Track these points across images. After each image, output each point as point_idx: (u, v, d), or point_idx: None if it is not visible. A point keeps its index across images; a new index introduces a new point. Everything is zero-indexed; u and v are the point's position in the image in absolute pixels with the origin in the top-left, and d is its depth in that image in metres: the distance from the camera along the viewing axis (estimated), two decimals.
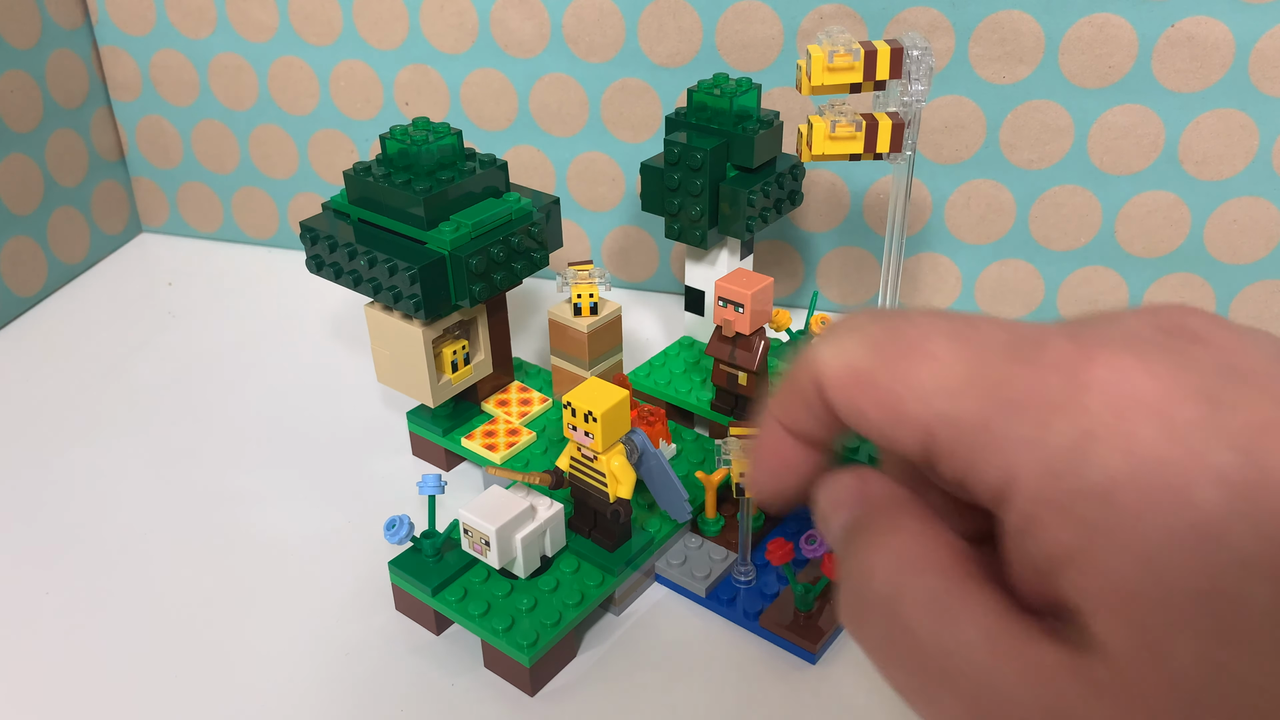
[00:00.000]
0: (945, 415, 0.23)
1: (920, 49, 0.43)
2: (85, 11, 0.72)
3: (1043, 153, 0.59)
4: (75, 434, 0.57)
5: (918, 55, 0.43)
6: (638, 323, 0.67)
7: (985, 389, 0.23)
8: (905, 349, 0.25)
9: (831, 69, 0.42)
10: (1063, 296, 0.63)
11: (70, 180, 0.72)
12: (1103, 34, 0.55)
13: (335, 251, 0.48)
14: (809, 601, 0.42)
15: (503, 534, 0.40)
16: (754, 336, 0.48)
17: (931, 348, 0.24)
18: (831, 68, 0.42)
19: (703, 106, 0.52)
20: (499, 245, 0.47)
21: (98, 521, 0.50)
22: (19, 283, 0.69)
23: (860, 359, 0.25)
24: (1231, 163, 0.57)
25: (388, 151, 0.48)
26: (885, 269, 0.49)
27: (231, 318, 0.68)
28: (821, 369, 0.26)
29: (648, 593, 0.45)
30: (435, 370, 0.49)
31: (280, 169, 0.74)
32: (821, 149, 0.43)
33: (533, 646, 0.39)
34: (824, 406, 0.27)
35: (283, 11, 0.67)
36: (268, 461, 0.54)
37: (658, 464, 0.42)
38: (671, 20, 0.60)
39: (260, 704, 0.40)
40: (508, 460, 0.50)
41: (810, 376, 0.27)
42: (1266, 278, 0.60)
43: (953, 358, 0.24)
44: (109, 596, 0.46)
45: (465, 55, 0.65)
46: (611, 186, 0.67)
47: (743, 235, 0.52)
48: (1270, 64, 0.54)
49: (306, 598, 0.45)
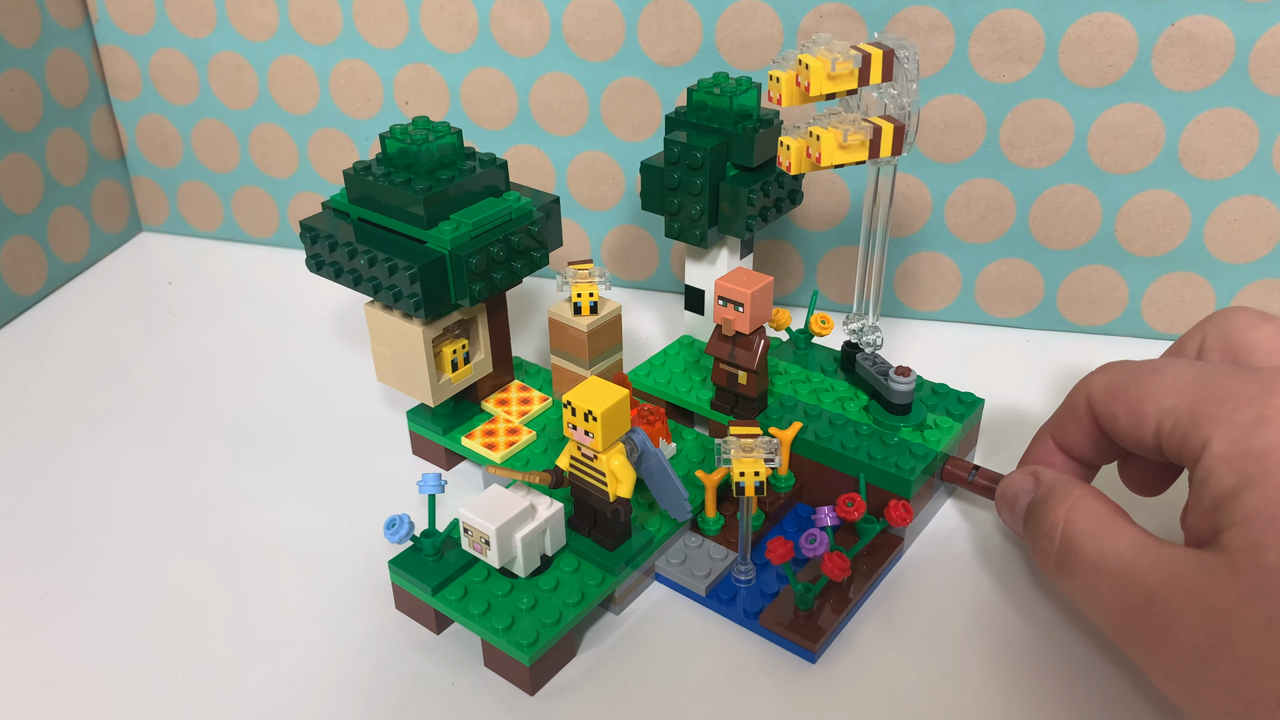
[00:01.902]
0: (1170, 408, 0.35)
1: (907, 50, 0.43)
2: (85, 11, 0.72)
3: (1043, 151, 0.59)
4: (75, 433, 0.57)
5: (906, 56, 0.43)
6: (638, 322, 0.67)
7: (1201, 390, 0.35)
8: (1148, 369, 0.37)
9: (834, 77, 0.42)
10: (1062, 295, 0.63)
11: (70, 179, 0.72)
12: (1103, 33, 0.55)
13: (335, 250, 0.48)
14: (809, 600, 0.42)
15: (503, 533, 0.40)
16: (754, 335, 0.48)
17: (1167, 368, 0.37)
18: (834, 76, 0.42)
19: (703, 105, 0.51)
20: (499, 244, 0.47)
21: (98, 521, 0.50)
22: (19, 282, 0.69)
23: (1116, 377, 0.39)
24: (1232, 161, 0.57)
25: (387, 150, 0.48)
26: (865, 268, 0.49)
27: (231, 317, 0.68)
28: (1090, 387, 0.40)
29: (648, 592, 0.45)
30: (435, 369, 0.49)
31: (280, 168, 0.74)
32: (831, 159, 0.43)
33: (533, 645, 0.39)
34: (1090, 418, 0.41)
35: (282, 11, 0.67)
36: (268, 460, 0.54)
37: (658, 463, 0.42)
38: (671, 19, 0.60)
39: (260, 703, 0.40)
40: (508, 459, 0.50)
41: (1082, 394, 0.41)
42: (1267, 277, 0.60)
43: (1181, 372, 0.36)
44: (109, 596, 0.46)
45: (465, 54, 0.65)
46: (611, 186, 0.67)
47: (742, 234, 0.52)
48: (1270, 63, 0.54)
49: (306, 597, 0.45)
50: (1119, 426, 0.38)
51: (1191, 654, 0.31)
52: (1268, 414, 0.32)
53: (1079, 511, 0.38)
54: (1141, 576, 0.34)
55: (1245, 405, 0.33)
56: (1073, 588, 0.37)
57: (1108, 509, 0.37)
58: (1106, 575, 0.35)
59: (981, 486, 0.47)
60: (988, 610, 0.44)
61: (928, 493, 0.47)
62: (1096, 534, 0.36)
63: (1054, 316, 0.64)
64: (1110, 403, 0.39)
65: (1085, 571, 0.36)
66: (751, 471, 0.40)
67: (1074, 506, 0.38)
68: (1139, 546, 0.35)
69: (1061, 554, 0.37)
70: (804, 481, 0.49)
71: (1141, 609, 0.33)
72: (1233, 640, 0.30)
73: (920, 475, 0.45)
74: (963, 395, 0.50)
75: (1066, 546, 0.37)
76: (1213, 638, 0.31)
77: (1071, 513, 0.38)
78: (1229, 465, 0.32)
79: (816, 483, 0.48)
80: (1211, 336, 0.40)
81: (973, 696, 0.40)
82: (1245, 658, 0.30)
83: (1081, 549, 0.36)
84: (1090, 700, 0.40)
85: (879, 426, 0.48)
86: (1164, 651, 0.33)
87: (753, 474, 0.40)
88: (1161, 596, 0.33)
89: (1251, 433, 0.32)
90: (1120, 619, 0.34)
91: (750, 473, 0.40)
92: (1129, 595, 0.34)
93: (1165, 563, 0.33)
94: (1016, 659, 0.41)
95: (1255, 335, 0.38)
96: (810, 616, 0.42)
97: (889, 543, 0.46)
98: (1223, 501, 0.32)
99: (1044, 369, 0.60)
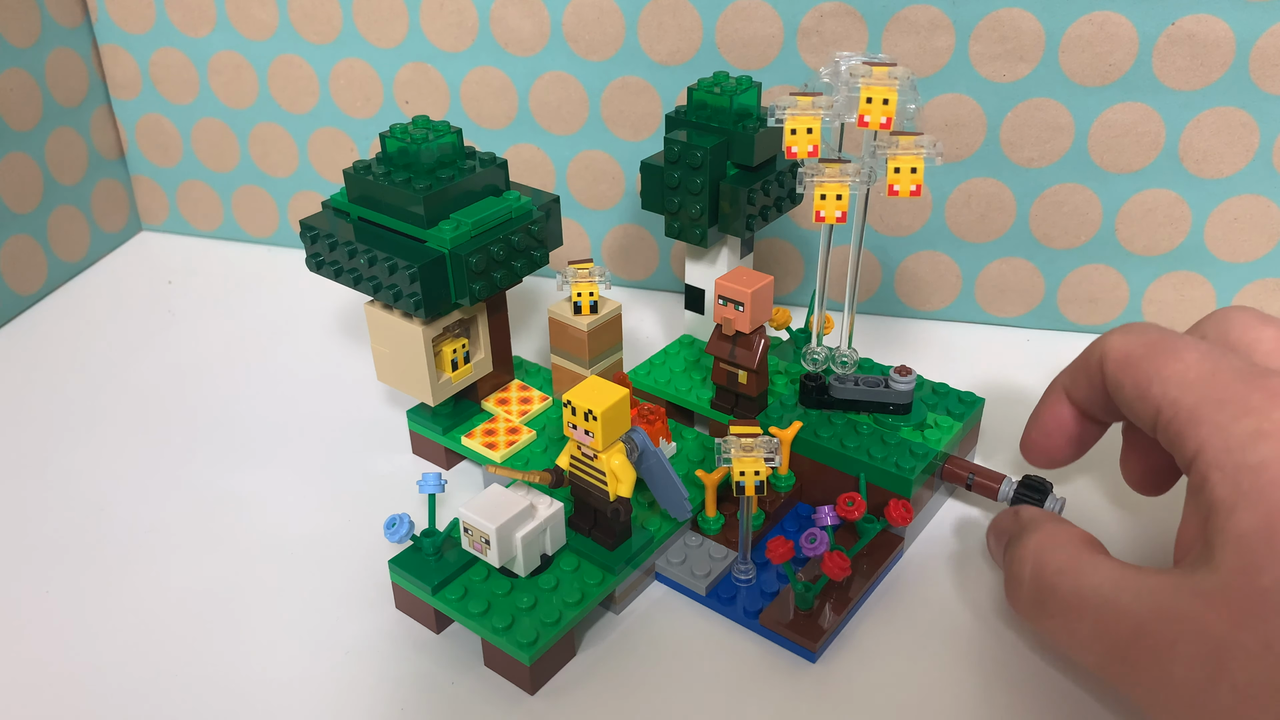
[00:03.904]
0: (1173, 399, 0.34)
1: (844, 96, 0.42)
2: (85, 10, 0.72)
3: (1043, 151, 0.59)
4: (75, 433, 0.57)
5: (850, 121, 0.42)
6: (638, 321, 0.67)
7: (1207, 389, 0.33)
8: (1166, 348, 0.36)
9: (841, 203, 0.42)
10: (1063, 294, 0.63)
11: (70, 179, 0.72)
12: (1103, 32, 0.55)
13: (335, 250, 0.48)
14: (809, 600, 0.42)
15: (503, 532, 0.40)
16: (754, 335, 0.48)
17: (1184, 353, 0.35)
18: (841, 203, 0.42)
19: (703, 105, 0.51)
20: (499, 244, 0.47)
21: (97, 521, 0.50)
22: (19, 281, 0.68)
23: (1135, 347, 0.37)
24: (1232, 160, 0.57)
25: (387, 150, 0.48)
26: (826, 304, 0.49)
27: (231, 316, 0.68)
28: (1107, 347, 0.38)
29: (647, 591, 0.45)
30: (435, 369, 0.49)
31: (280, 167, 0.74)
32: None
33: (532, 645, 0.39)
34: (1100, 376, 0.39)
35: (282, 10, 0.67)
36: (267, 460, 0.54)
37: (658, 462, 0.42)
38: (671, 18, 0.60)
39: (260, 702, 0.40)
40: (508, 459, 0.50)
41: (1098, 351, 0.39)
42: (1267, 276, 0.60)
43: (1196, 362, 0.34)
44: (109, 596, 0.46)
45: (465, 53, 0.65)
46: (611, 185, 0.67)
47: (743, 233, 0.52)
48: (1271, 62, 0.54)
49: (306, 596, 0.45)
50: (1124, 396, 0.37)
51: (1188, 685, 0.30)
52: (1267, 428, 0.31)
53: (1048, 548, 0.36)
54: (1126, 611, 0.32)
55: (1245, 415, 0.32)
56: (1051, 629, 0.36)
57: (1078, 541, 0.36)
58: (1087, 614, 0.34)
59: (981, 488, 0.47)
60: (988, 610, 0.44)
61: (928, 492, 0.47)
62: (1071, 570, 0.35)
63: (1054, 316, 0.64)
64: (1120, 370, 0.37)
65: (1063, 612, 0.35)
66: (751, 471, 0.40)
67: (1041, 542, 0.37)
68: (1118, 579, 0.33)
69: (1033, 595, 0.36)
70: (804, 481, 0.48)
71: (1130, 644, 0.32)
72: (1230, 668, 0.29)
73: (920, 475, 0.45)
74: (963, 395, 0.50)
75: (1038, 586, 0.36)
76: (1209, 666, 0.30)
77: (1040, 549, 0.36)
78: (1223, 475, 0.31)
79: (816, 482, 0.48)
80: (1210, 336, 0.38)
81: (973, 696, 0.40)
82: (1244, 685, 0.29)
83: (1058, 588, 0.35)
84: (1090, 700, 0.39)
85: (879, 426, 0.48)
86: (1158, 685, 0.31)
87: (753, 473, 0.40)
88: (1152, 628, 0.31)
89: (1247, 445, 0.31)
90: (1107, 657, 0.33)
91: (750, 472, 0.40)
92: (1115, 632, 0.33)
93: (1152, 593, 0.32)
94: (1016, 659, 0.41)
95: (1255, 336, 0.37)
96: (810, 616, 0.42)
97: (889, 542, 0.46)
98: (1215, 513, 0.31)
99: (1044, 369, 0.60)
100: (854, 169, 0.42)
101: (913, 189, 0.42)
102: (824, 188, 0.42)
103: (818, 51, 0.59)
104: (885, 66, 0.41)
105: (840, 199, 0.42)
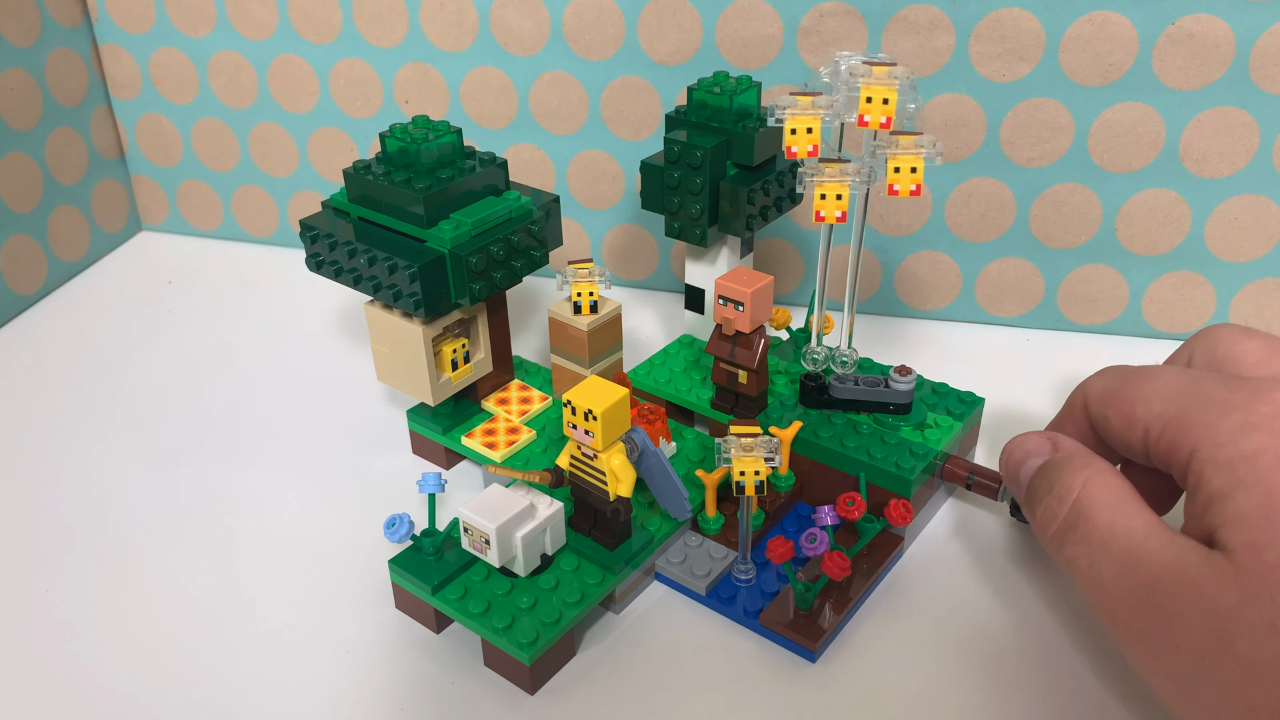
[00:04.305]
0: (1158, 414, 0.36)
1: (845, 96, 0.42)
2: (85, 10, 0.72)
3: (1043, 150, 0.59)
4: (75, 433, 0.57)
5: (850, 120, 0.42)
6: (638, 321, 0.67)
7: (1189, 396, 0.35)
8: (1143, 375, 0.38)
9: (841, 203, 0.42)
10: (1063, 294, 0.63)
11: (70, 178, 0.72)
12: (1103, 31, 0.55)
13: (335, 250, 0.48)
14: (809, 600, 0.42)
15: (503, 532, 0.40)
16: (754, 335, 0.48)
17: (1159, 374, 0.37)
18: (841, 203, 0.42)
19: (703, 104, 0.51)
20: (499, 243, 0.47)
21: (98, 521, 0.50)
22: (19, 281, 0.68)
23: (1112, 381, 0.39)
24: (1232, 160, 0.57)
25: (387, 149, 0.48)
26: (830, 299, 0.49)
27: (231, 316, 0.68)
28: (1088, 389, 0.41)
29: (647, 591, 0.45)
30: (435, 369, 0.49)
31: (280, 167, 0.74)
32: None
33: (532, 645, 0.39)
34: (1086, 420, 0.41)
35: (282, 9, 0.67)
36: (267, 460, 0.54)
37: (658, 462, 0.42)
38: (671, 18, 0.60)
39: (260, 702, 0.40)
40: (508, 459, 0.50)
41: (1080, 397, 0.41)
42: (1267, 275, 0.60)
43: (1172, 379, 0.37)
44: (109, 595, 0.46)
45: (465, 53, 0.65)
46: (611, 185, 0.67)
47: (743, 233, 0.52)
48: (1271, 62, 0.54)
49: (306, 596, 0.45)
50: (1111, 429, 0.39)
51: (1192, 653, 0.31)
52: (1254, 420, 0.33)
53: (1097, 482, 0.37)
54: (1148, 558, 0.33)
55: (1231, 412, 0.33)
56: (1075, 556, 0.36)
57: (1126, 487, 0.37)
58: (1115, 549, 0.34)
59: (980, 488, 0.47)
60: (987, 609, 0.44)
61: (928, 492, 0.47)
62: (1112, 505, 0.36)
63: (1054, 316, 0.64)
64: (1103, 405, 0.39)
65: (1093, 541, 0.35)
66: (751, 471, 0.40)
67: (1093, 477, 0.37)
68: (1152, 527, 0.34)
69: (1071, 519, 0.37)
70: (804, 481, 0.48)
71: (1143, 597, 0.33)
72: (1235, 642, 0.30)
73: (920, 474, 0.45)
74: (963, 394, 0.50)
75: (1078, 512, 0.36)
76: (1215, 638, 0.31)
77: (1090, 482, 0.37)
78: (1218, 467, 0.33)
79: (816, 482, 0.48)
80: (1198, 352, 0.40)
81: (972, 696, 0.40)
82: (1248, 660, 0.30)
83: (1095, 517, 0.36)
84: (1089, 700, 0.40)
85: (879, 426, 0.48)
86: (1163, 648, 0.32)
87: (753, 473, 0.40)
88: (1166, 583, 0.32)
89: (1238, 437, 0.33)
90: (1120, 603, 0.34)
91: (750, 472, 0.40)
92: (1133, 577, 0.33)
93: (1172, 548, 0.33)
94: (1016, 658, 0.41)
95: (1240, 348, 0.38)
96: (810, 616, 0.42)
97: (889, 542, 0.46)
98: (1214, 502, 0.32)
99: (1044, 368, 0.60)
100: (854, 169, 0.42)
101: (913, 189, 0.42)
102: (824, 187, 0.42)
103: (818, 51, 0.59)
104: (885, 66, 0.41)
105: (840, 199, 0.42)
